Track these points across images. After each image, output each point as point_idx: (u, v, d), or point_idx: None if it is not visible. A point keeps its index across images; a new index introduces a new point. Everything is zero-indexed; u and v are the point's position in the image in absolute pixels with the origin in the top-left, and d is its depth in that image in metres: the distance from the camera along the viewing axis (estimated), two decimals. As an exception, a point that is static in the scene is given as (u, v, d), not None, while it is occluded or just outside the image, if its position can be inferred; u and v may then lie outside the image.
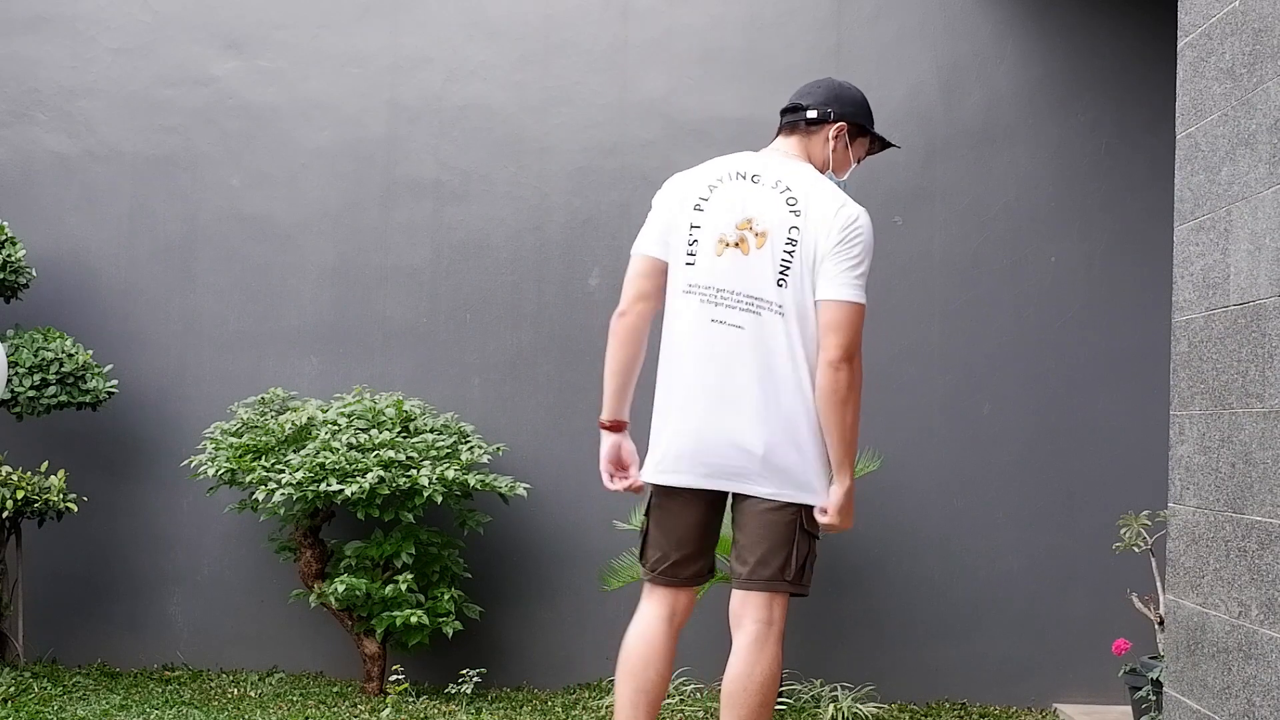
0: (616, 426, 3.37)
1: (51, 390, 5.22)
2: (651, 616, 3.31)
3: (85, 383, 5.30)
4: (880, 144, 3.49)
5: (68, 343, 5.32)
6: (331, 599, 5.05)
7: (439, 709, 4.98)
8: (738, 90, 5.52)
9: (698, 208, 3.27)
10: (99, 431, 5.61)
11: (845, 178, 3.43)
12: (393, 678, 5.16)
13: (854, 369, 3.19)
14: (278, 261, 5.66)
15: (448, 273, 5.62)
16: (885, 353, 5.44)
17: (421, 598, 5.09)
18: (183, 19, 5.71)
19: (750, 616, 3.21)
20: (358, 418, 5.20)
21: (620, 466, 3.39)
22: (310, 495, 4.95)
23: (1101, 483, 5.34)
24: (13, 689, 4.93)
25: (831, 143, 3.35)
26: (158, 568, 5.62)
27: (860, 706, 5.00)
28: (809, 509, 3.23)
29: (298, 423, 5.12)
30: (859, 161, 3.45)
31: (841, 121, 3.35)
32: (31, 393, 5.19)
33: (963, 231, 5.46)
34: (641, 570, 3.37)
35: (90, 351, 5.36)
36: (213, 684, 5.33)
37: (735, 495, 3.28)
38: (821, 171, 3.34)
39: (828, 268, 3.16)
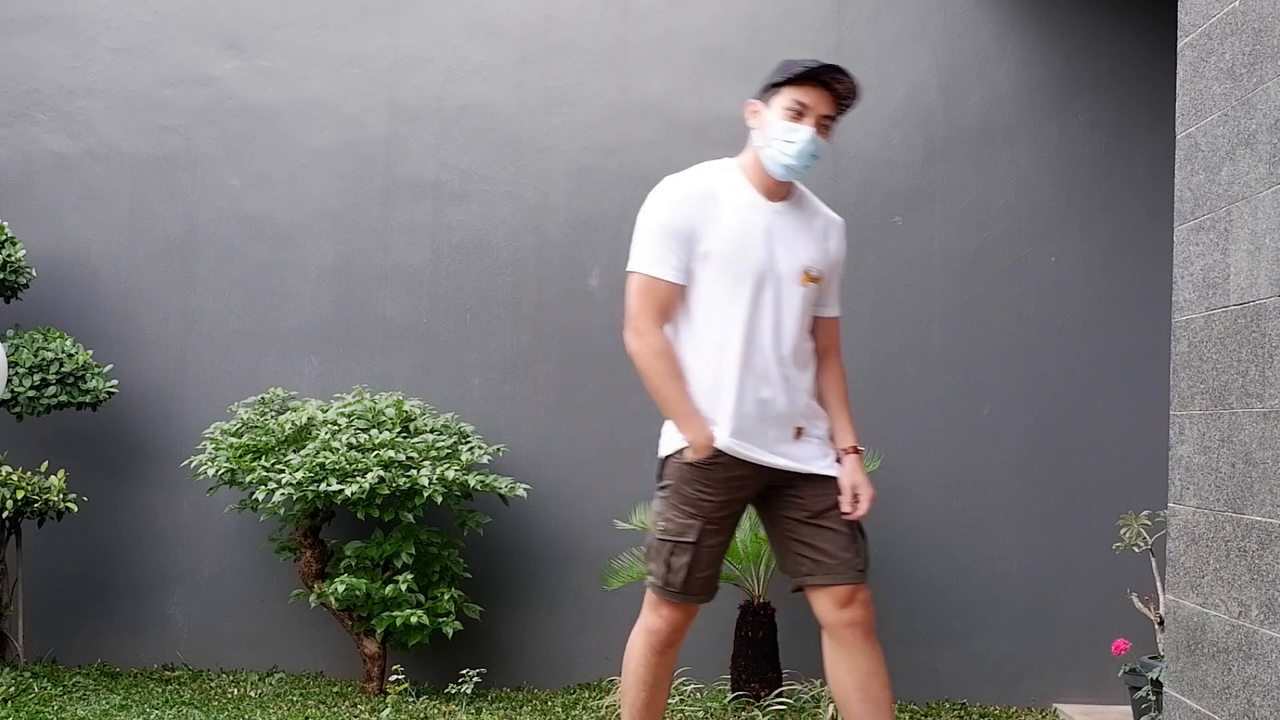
0: None
1: (51, 390, 5.22)
2: None
3: (85, 383, 5.30)
4: (805, 74, 3.31)
5: (68, 343, 5.32)
6: (331, 599, 5.04)
7: (439, 709, 4.98)
8: (738, 90, 5.49)
9: None
10: (99, 431, 5.61)
11: (778, 138, 3.30)
12: (393, 678, 5.16)
13: (634, 335, 3.29)
14: (278, 261, 5.66)
15: (448, 273, 5.62)
16: (885, 353, 5.44)
17: (421, 598, 5.09)
18: (183, 19, 5.71)
19: None
20: (358, 418, 5.20)
21: None
22: (310, 495, 4.95)
23: (1101, 483, 5.34)
24: (13, 689, 4.93)
25: (751, 121, 3.40)
26: (158, 568, 5.62)
27: (860, 706, 4.99)
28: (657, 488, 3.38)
29: (298, 423, 5.12)
30: (795, 112, 3.29)
31: (749, 101, 3.40)
32: (31, 393, 5.19)
33: (963, 231, 5.46)
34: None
35: (90, 351, 5.36)
36: (213, 684, 5.33)
37: None
38: (755, 150, 3.36)
39: None
